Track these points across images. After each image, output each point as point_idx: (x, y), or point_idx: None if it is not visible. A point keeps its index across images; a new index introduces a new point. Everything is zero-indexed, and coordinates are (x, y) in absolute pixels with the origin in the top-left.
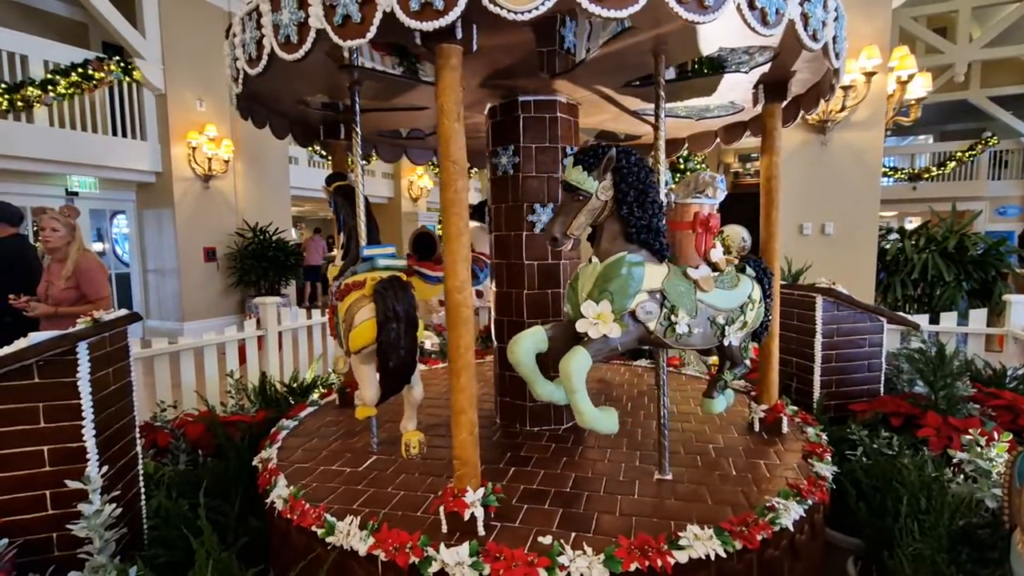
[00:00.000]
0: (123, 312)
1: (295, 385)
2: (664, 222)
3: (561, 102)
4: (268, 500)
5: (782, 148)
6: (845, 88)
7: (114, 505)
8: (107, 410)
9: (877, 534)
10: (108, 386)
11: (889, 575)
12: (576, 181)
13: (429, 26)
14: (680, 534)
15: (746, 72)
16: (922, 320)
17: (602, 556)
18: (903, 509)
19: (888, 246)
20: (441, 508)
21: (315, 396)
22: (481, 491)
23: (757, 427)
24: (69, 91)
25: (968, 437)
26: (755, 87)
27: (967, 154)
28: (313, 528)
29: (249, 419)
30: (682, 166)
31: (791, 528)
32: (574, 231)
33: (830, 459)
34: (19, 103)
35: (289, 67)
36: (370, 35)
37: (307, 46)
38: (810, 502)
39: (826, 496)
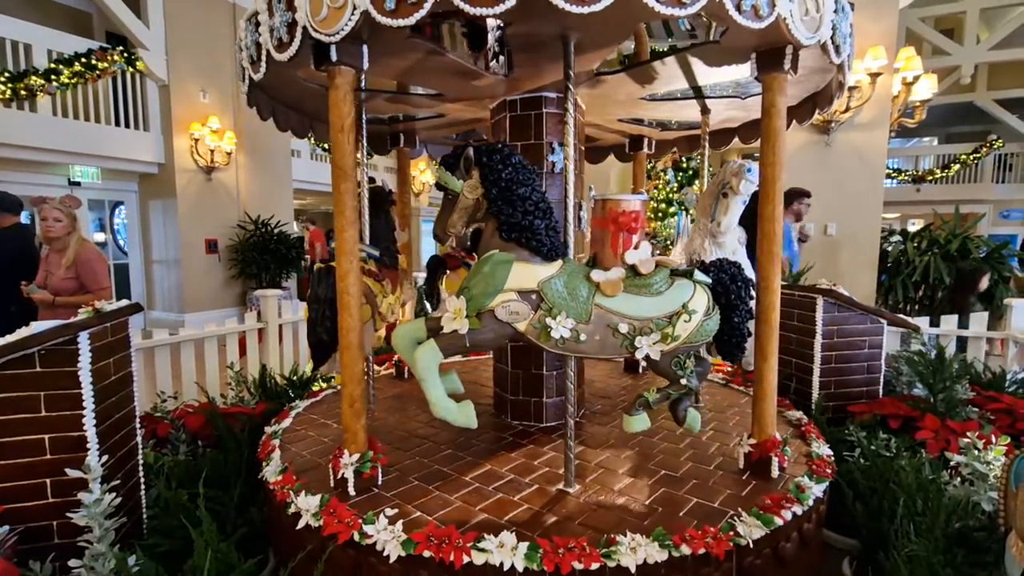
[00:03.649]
0: (125, 303)
1: (295, 378)
2: (538, 219)
3: (549, 97)
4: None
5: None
6: (850, 89)
7: (114, 494)
8: (108, 400)
9: (873, 535)
10: (109, 376)
11: None
12: (443, 181)
13: (284, 56)
14: (487, 536)
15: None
16: (922, 323)
17: (403, 536)
18: (900, 511)
19: (890, 248)
20: (331, 466)
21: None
22: (356, 456)
23: (742, 463)
24: (72, 81)
25: (966, 440)
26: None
27: (972, 157)
28: (263, 461)
29: (249, 411)
30: (684, 165)
31: (632, 569)
32: (450, 229)
33: (781, 518)
34: (23, 92)
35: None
36: (262, 71)
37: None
38: (686, 552)
39: (722, 552)
